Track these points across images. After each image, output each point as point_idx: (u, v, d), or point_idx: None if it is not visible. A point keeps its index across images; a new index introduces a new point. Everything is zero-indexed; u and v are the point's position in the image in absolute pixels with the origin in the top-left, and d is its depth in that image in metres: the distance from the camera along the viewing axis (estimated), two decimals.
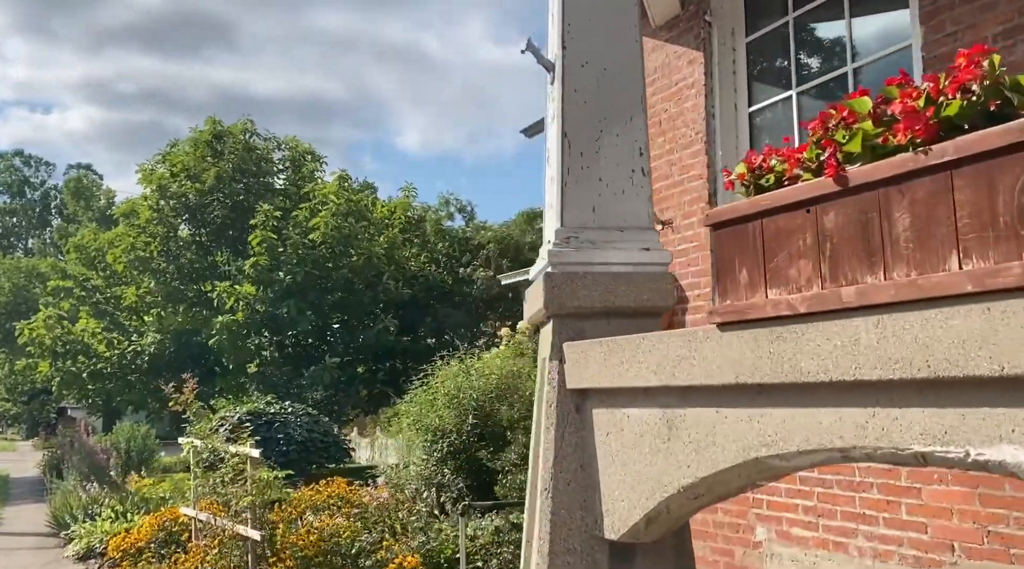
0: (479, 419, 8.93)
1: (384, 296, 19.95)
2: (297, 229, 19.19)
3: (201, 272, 21.07)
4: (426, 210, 23.51)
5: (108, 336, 20.64)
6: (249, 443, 6.36)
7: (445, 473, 8.67)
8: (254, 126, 21.90)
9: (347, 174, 19.92)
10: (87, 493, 11.64)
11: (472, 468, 8.93)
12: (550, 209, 2.70)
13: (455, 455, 8.89)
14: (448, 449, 8.82)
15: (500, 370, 9.50)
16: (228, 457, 6.27)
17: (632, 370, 2.12)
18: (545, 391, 2.50)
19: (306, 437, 14.06)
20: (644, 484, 2.11)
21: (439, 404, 9.29)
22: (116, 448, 14.94)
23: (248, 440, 6.50)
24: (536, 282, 2.66)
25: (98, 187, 50.74)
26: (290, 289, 18.47)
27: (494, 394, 9.26)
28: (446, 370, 9.93)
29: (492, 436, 9.14)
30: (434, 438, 8.94)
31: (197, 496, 6.92)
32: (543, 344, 2.65)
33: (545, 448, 2.43)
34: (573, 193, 2.50)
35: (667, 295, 2.45)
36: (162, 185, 20.11)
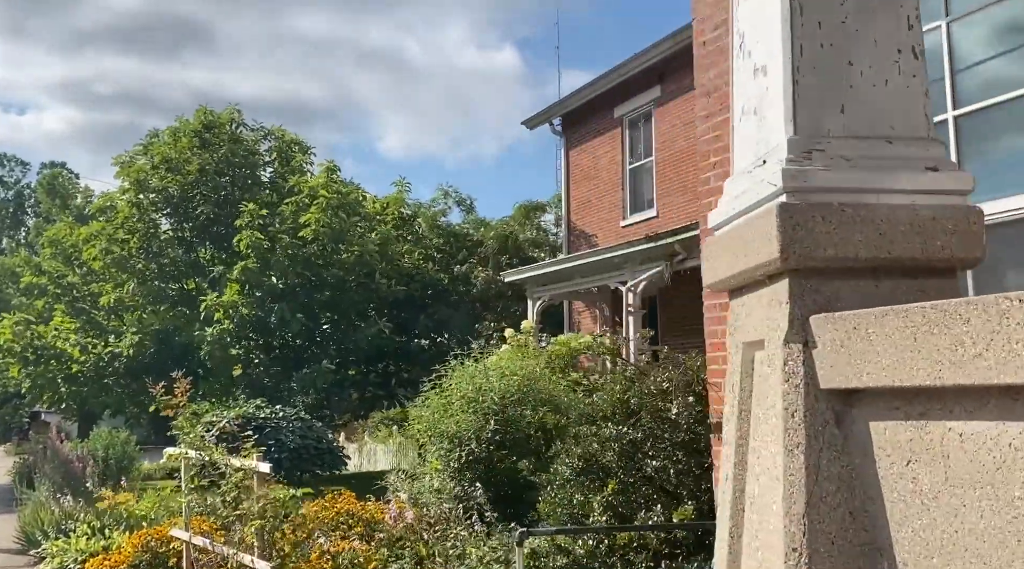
0: (500, 425, 8.04)
1: (377, 295, 18.97)
2: (285, 227, 18.18)
3: (184, 269, 19.98)
4: (419, 206, 22.55)
5: (83, 340, 19.47)
6: (256, 455, 5.42)
7: (464, 485, 7.76)
8: (241, 116, 20.85)
9: (335, 165, 18.89)
10: (60, 506, 10.58)
11: (492, 479, 8.03)
12: (751, 118, 1.83)
13: (474, 465, 7.99)
14: (467, 458, 7.92)
15: (522, 370, 8.62)
16: (230, 472, 5.32)
17: (971, 358, 1.24)
18: (774, 391, 1.61)
19: (299, 444, 13.11)
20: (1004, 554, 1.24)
21: (455, 408, 8.39)
22: (93, 456, 13.84)
23: (254, 451, 5.56)
24: (745, 222, 1.78)
25: (74, 185, 49.14)
26: (280, 293, 17.47)
27: (515, 397, 8.37)
28: (461, 371, 9.03)
29: (514, 443, 8.25)
30: (451, 446, 8.04)
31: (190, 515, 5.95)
32: (754, 318, 1.77)
33: (787, 481, 1.53)
34: (809, 85, 1.63)
35: (974, 241, 1.58)
36: (140, 178, 18.97)
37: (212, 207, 18.80)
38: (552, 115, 18.18)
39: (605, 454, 5.04)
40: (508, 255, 20.20)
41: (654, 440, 4.94)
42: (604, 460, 5.05)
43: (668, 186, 15.24)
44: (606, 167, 16.96)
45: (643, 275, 12.64)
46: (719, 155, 4.50)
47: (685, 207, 14.67)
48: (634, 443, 4.92)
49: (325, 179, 18.52)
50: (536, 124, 18.72)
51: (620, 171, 16.55)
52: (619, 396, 5.15)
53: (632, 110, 16.28)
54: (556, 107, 17.93)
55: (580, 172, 17.83)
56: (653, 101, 15.66)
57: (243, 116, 20.92)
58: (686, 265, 11.96)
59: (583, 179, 17.73)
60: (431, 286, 20.14)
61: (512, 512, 7.28)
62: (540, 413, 8.07)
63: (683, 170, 14.86)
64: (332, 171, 18.69)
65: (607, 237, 16.53)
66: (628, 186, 16.46)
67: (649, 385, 5.10)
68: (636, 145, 16.46)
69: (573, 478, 5.15)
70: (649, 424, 4.97)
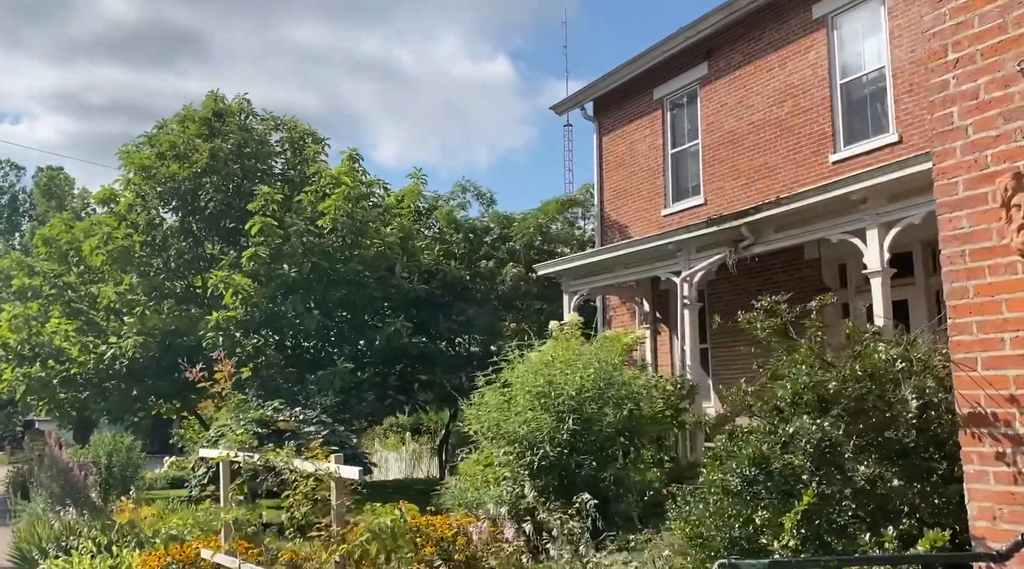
0: (578, 424, 6.91)
1: (397, 292, 17.81)
2: (302, 216, 17.03)
3: (190, 265, 18.80)
4: (437, 199, 21.41)
5: (83, 340, 18.26)
6: (332, 457, 4.26)
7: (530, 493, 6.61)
8: (251, 106, 19.72)
9: (358, 154, 17.72)
10: (60, 519, 9.39)
11: (571, 487, 6.88)
12: None
13: (548, 471, 6.84)
14: (541, 463, 6.77)
15: (599, 361, 7.49)
16: (294, 477, 4.16)
17: None
18: None
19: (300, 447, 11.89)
20: None
21: (520, 405, 7.25)
22: (95, 464, 12.63)
23: (323, 451, 4.39)
24: None
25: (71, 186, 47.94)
26: (294, 284, 16.29)
27: (591, 393, 7.24)
28: (523, 364, 7.89)
29: (593, 446, 7.11)
30: (521, 449, 6.89)
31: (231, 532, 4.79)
32: None
33: None
34: None
35: None
36: (146, 165, 17.80)
37: (222, 196, 17.62)
38: (583, 99, 17.09)
39: (787, 457, 3.89)
40: (535, 251, 19.06)
41: (859, 438, 3.80)
42: (784, 465, 3.90)
43: (717, 171, 14.14)
44: (644, 153, 15.86)
45: (701, 264, 11.51)
46: (962, 50, 3.39)
47: (739, 192, 13.57)
48: (831, 443, 3.78)
49: (347, 167, 17.38)
50: (565, 109, 17.65)
51: (661, 157, 15.45)
52: (807, 381, 4.00)
53: (674, 91, 15.20)
54: (588, 90, 16.83)
55: (614, 159, 16.72)
56: (699, 80, 14.58)
57: (252, 106, 19.84)
58: (753, 251, 10.83)
59: (618, 166, 16.63)
60: (453, 284, 19.00)
61: (603, 526, 6.12)
62: (624, 410, 6.94)
63: (735, 153, 13.78)
64: (354, 160, 17.54)
65: (645, 228, 15.42)
66: (670, 173, 15.36)
67: (854, 366, 3.93)
68: (678, 129, 15.37)
69: (742, 489, 3.98)
70: (850, 418, 3.82)
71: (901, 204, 8.92)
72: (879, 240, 9.11)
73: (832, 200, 9.45)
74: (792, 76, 12.77)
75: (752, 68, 13.50)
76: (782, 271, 12.74)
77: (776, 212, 10.14)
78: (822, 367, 4.10)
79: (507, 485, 7.00)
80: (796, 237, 10.34)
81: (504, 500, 6.78)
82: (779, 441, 3.94)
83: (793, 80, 12.75)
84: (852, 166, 11.36)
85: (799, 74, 12.66)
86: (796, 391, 4.06)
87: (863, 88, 11.93)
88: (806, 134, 12.49)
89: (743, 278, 13.11)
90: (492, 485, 7.27)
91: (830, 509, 3.76)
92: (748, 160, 13.50)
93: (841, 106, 12.07)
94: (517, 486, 6.87)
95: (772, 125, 13.09)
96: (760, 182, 13.25)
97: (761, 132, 13.28)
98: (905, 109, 11.05)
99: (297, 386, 15.87)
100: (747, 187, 13.48)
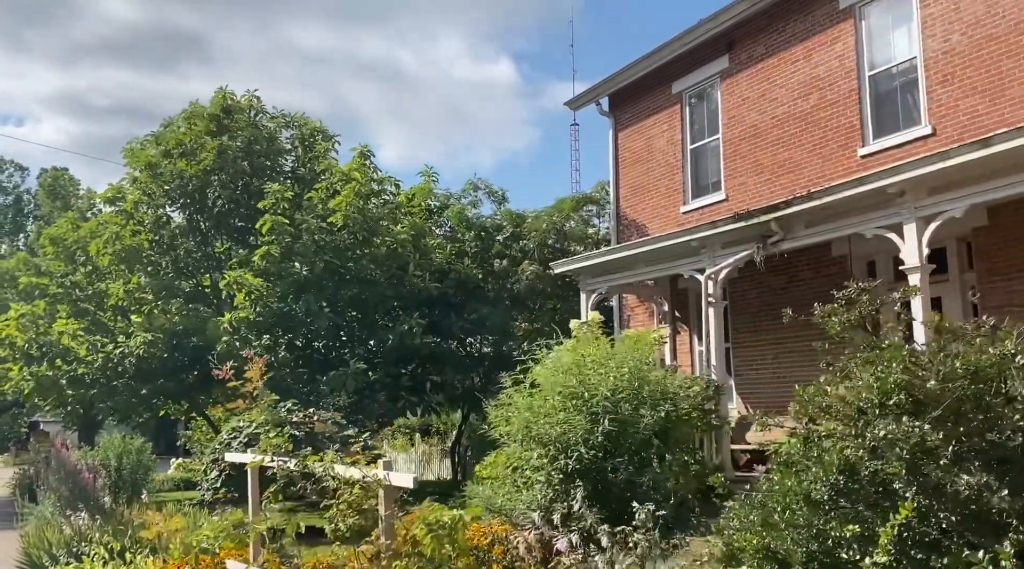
0: (614, 426, 6.60)
1: (409, 291, 17.50)
2: (312, 213, 16.75)
3: (199, 264, 18.52)
4: (447, 197, 21.10)
5: (90, 339, 18.00)
6: (381, 463, 3.94)
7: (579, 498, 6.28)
8: (260, 103, 19.44)
9: (369, 150, 17.40)
10: (71, 523, 9.10)
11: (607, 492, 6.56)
12: None
13: (582, 475, 6.52)
14: (575, 467, 6.46)
15: (633, 360, 7.18)
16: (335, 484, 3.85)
17: None
18: None
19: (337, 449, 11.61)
20: None
21: (549, 406, 6.94)
22: (105, 466, 12.33)
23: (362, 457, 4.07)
24: None
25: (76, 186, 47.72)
26: (306, 282, 16.01)
27: (624, 394, 6.93)
28: (552, 362, 7.57)
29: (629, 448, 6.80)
30: (555, 452, 6.58)
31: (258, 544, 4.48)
32: None
33: None
34: None
35: None
36: (152, 163, 17.52)
37: (230, 193, 17.33)
38: (598, 94, 16.76)
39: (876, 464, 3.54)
40: (548, 249, 18.74)
41: (959, 444, 3.46)
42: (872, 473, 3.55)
43: (739, 166, 13.82)
44: (662, 149, 15.55)
45: (727, 260, 11.19)
46: None
47: (762, 188, 13.26)
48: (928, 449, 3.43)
49: (358, 164, 17.08)
50: (581, 104, 17.32)
51: (679, 152, 15.13)
52: (899, 379, 3.65)
53: (694, 84, 14.88)
54: (603, 85, 16.50)
55: (631, 155, 16.41)
56: (719, 73, 14.26)
57: (262, 103, 19.55)
58: (782, 247, 10.51)
59: (634, 163, 16.31)
60: (465, 282, 18.68)
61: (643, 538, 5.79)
62: (661, 411, 6.63)
63: (758, 148, 13.46)
64: (365, 156, 17.21)
65: (663, 225, 15.11)
66: (689, 168, 15.04)
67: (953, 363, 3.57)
68: (698, 123, 15.06)
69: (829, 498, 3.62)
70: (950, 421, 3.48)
71: (941, 197, 8.60)
72: (917, 235, 8.79)
73: (868, 193, 9.13)
74: (818, 68, 12.45)
75: (775, 60, 13.18)
76: (808, 268, 12.43)
77: (807, 206, 9.82)
78: (914, 364, 3.76)
79: (539, 489, 6.69)
80: (828, 232, 10.02)
81: (538, 505, 6.46)
82: (866, 446, 3.60)
83: (819, 72, 12.43)
84: (882, 160, 11.04)
85: (825, 66, 12.34)
86: (885, 391, 3.73)
87: (893, 80, 11.60)
88: (833, 128, 12.17)
89: (767, 276, 12.80)
90: (522, 489, 6.96)
91: (925, 521, 3.42)
92: (772, 155, 13.19)
93: (870, 98, 11.74)
94: (550, 490, 6.55)
95: (797, 119, 12.77)
96: (784, 177, 12.94)
97: (785, 126, 12.96)
98: (938, 101, 10.73)
99: (308, 387, 15.58)
100: (771, 182, 13.16)
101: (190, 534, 6.32)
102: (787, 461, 4.26)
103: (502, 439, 7.54)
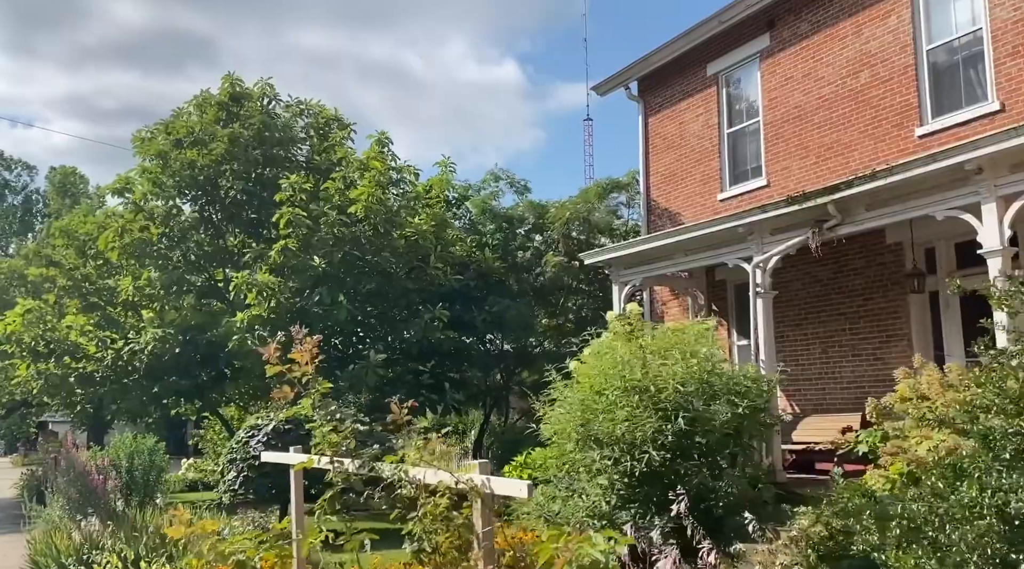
0: (688, 424, 5.89)
1: (429, 285, 16.83)
2: (329, 204, 16.08)
3: (211, 258, 17.88)
4: (466, 189, 20.42)
5: (100, 335, 17.40)
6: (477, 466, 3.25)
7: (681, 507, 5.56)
8: (274, 90, 18.76)
9: (387, 137, 16.68)
10: (80, 529, 8.45)
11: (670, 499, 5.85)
12: None
13: (652, 479, 5.82)
14: (644, 470, 5.76)
15: (705, 349, 6.48)
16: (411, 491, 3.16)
17: None
18: None
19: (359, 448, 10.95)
20: None
21: (605, 401, 6.24)
22: (115, 467, 11.69)
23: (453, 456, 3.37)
24: None
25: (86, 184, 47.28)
26: (325, 276, 15.35)
27: (694, 387, 6.23)
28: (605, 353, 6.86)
29: (699, 450, 6.09)
30: (619, 453, 5.88)
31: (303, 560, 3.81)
32: None
33: None
34: None
35: None
36: (163, 152, 16.87)
37: (244, 183, 16.65)
38: (628, 78, 16.04)
39: None
40: (572, 241, 18.03)
41: None
42: None
43: (782, 150, 13.09)
44: (697, 133, 14.83)
45: (777, 247, 10.46)
46: None
47: (807, 172, 12.53)
48: None
49: (375, 152, 16.40)
50: (608, 89, 16.58)
51: (716, 137, 14.41)
52: None
53: (731, 65, 14.16)
54: (633, 68, 15.78)
55: (662, 141, 15.70)
56: (759, 53, 13.54)
57: (276, 91, 18.86)
58: (839, 232, 9.77)
59: (666, 149, 15.60)
60: (486, 275, 17.99)
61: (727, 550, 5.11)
62: (739, 407, 5.94)
63: (802, 130, 12.73)
64: (383, 144, 16.50)
65: (698, 213, 14.39)
66: (726, 154, 14.32)
67: None
68: (735, 106, 14.34)
69: None
70: None
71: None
72: (998, 215, 8.06)
73: (941, 171, 8.39)
74: (869, 44, 11.72)
75: (821, 37, 12.45)
76: (859, 257, 11.71)
77: (870, 187, 9.08)
78: None
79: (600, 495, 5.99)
80: (891, 216, 9.27)
81: (600, 513, 5.78)
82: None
83: (870, 48, 11.70)
84: (943, 140, 10.30)
85: (877, 41, 11.60)
86: None
87: (954, 54, 10.86)
88: (886, 107, 11.43)
89: (813, 266, 12.09)
90: (577, 496, 6.27)
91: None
92: (818, 137, 12.45)
93: (927, 74, 11.01)
94: (613, 496, 5.86)
95: (846, 98, 12.04)
96: (832, 160, 12.20)
97: (833, 106, 12.23)
98: (1007, 74, 9.98)
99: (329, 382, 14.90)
100: (817, 166, 12.43)
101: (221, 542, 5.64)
102: (954, 466, 3.54)
103: (552, 439, 6.83)
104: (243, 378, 17.97)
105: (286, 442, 11.04)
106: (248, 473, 10.59)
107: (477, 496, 3.11)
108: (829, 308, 12.18)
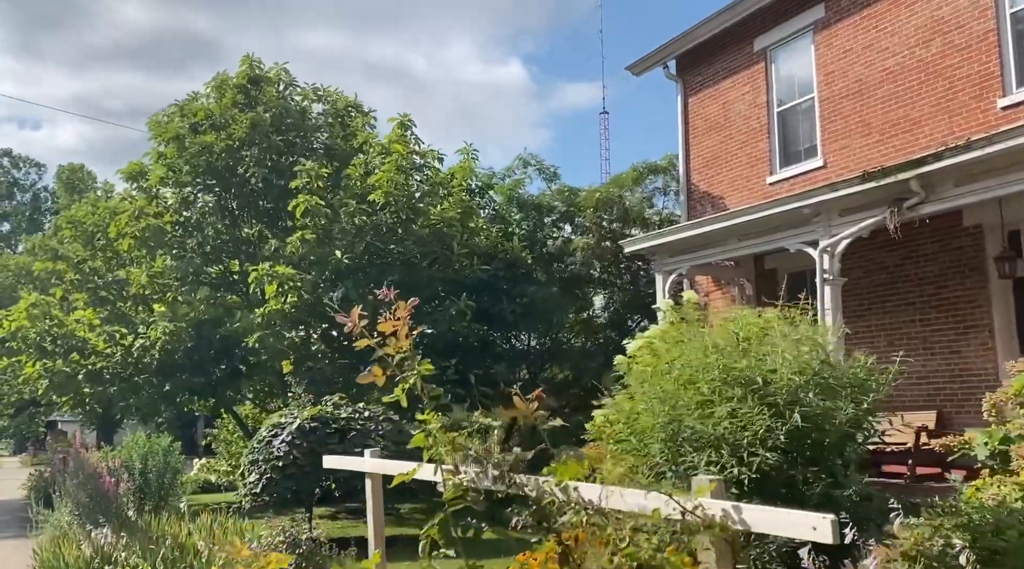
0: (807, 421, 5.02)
1: (455, 275, 15.98)
2: (350, 193, 15.25)
3: (226, 247, 17.07)
4: (491, 177, 19.55)
5: (109, 330, 16.62)
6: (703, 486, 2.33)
7: None
8: (290, 75, 17.93)
9: (410, 120, 15.81)
10: (91, 539, 7.63)
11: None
12: None
13: (761, 487, 4.94)
14: (753, 477, 4.88)
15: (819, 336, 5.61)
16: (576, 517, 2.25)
17: None
18: None
19: (393, 451, 10.11)
20: None
21: (704, 393, 5.35)
22: (127, 468, 10.88)
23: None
24: None
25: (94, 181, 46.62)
26: (347, 269, 14.51)
27: (805, 378, 5.35)
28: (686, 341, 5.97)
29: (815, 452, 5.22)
30: (724, 458, 5.01)
31: None
32: None
33: None
34: None
35: None
36: (180, 135, 16.06)
37: (263, 170, 15.81)
38: (666, 56, 15.13)
39: None
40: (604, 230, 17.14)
41: None
42: None
43: (840, 128, 12.18)
44: (743, 113, 13.93)
45: (847, 229, 9.56)
46: None
47: (870, 151, 11.62)
48: None
49: (397, 135, 15.54)
50: (644, 68, 15.68)
51: (764, 116, 13.51)
52: None
53: (781, 39, 13.25)
54: (671, 45, 14.88)
55: (704, 122, 14.79)
56: (812, 24, 12.63)
57: (292, 76, 18.03)
58: (922, 211, 8.85)
59: (708, 131, 14.70)
60: (514, 265, 17.12)
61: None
62: (865, 403, 5.06)
63: (864, 106, 11.81)
64: (405, 127, 15.63)
65: (745, 198, 13.50)
66: (776, 134, 13.41)
67: None
68: (785, 83, 13.43)
69: None
70: None
71: None
72: None
73: None
74: (941, 9, 10.80)
75: (885, 5, 11.54)
76: (931, 241, 10.79)
77: (963, 159, 8.17)
78: None
79: None
80: (986, 191, 8.36)
81: None
82: None
83: (943, 14, 10.78)
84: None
85: (951, 6, 10.68)
86: None
87: None
88: (962, 77, 10.52)
89: (878, 252, 11.19)
90: None
91: None
92: (882, 113, 11.54)
93: (1012, 40, 10.08)
94: None
95: (914, 70, 11.12)
96: (898, 138, 11.29)
97: (899, 79, 11.31)
98: None
99: (351, 379, 14.08)
100: (881, 144, 11.51)
101: None
102: None
103: (626, 439, 5.96)
104: (259, 375, 17.18)
105: (312, 442, 10.25)
106: (271, 474, 9.77)
107: (710, 535, 2.15)
108: (895, 297, 11.27)
